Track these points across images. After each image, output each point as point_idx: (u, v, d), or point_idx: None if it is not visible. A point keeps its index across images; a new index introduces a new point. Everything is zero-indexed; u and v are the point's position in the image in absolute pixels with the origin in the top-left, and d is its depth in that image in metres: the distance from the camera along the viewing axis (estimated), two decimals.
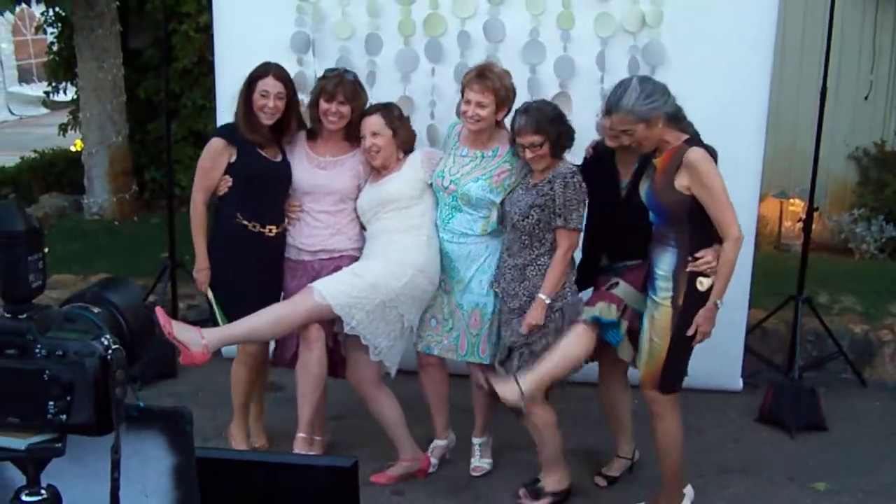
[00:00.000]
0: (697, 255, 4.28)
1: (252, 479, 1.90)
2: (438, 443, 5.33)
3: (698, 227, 4.27)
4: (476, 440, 5.29)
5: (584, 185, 4.64)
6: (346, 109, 4.97)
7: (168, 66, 7.40)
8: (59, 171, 10.64)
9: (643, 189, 4.44)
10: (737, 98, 5.56)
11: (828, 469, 5.31)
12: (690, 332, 4.31)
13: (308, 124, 5.20)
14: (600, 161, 4.81)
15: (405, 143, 5.08)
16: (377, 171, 5.08)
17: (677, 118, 4.36)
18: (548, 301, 4.65)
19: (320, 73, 5.71)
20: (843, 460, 5.41)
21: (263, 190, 4.99)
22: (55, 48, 10.32)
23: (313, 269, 5.04)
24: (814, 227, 6.47)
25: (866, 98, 9.05)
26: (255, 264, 5.01)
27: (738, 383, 6.16)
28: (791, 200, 9.01)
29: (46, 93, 11.13)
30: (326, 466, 1.99)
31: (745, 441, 5.63)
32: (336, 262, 5.01)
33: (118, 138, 9.32)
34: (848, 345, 6.54)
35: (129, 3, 9.41)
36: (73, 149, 10.72)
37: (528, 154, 4.62)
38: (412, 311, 4.93)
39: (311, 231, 5.06)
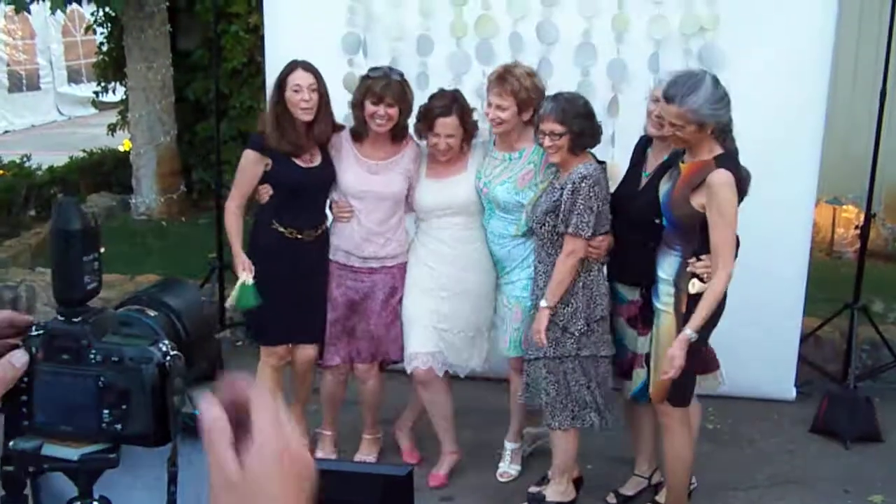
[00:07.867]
0: (701, 256, 4.14)
1: None
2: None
3: (707, 240, 4.11)
4: (508, 445, 5.21)
5: (596, 188, 4.45)
6: (394, 112, 4.77)
7: (218, 66, 7.41)
8: (107, 171, 10.75)
9: (663, 189, 4.29)
10: (794, 102, 5.47)
11: (884, 481, 5.19)
12: (664, 368, 4.14)
13: (347, 123, 5.05)
14: (636, 148, 4.72)
15: (470, 138, 4.93)
16: (435, 164, 4.95)
17: (725, 130, 4.20)
18: (545, 305, 4.52)
19: None
20: None
21: (299, 197, 4.88)
22: (104, 48, 10.42)
23: (362, 277, 4.97)
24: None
25: None
26: (293, 270, 4.89)
27: (792, 392, 6.04)
28: (844, 207, 8.85)
29: (95, 93, 11.27)
30: (381, 475, 1.93)
31: (799, 451, 5.53)
32: (389, 272, 4.96)
33: (166, 139, 9.39)
34: None
35: (178, 3, 9.48)
36: (121, 149, 10.82)
37: (547, 142, 4.47)
38: None
39: (362, 239, 4.92)
